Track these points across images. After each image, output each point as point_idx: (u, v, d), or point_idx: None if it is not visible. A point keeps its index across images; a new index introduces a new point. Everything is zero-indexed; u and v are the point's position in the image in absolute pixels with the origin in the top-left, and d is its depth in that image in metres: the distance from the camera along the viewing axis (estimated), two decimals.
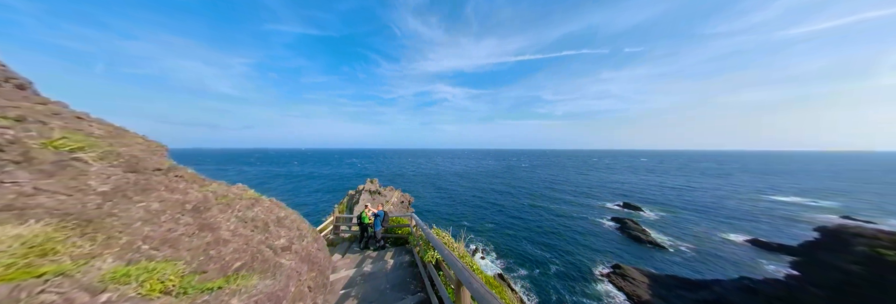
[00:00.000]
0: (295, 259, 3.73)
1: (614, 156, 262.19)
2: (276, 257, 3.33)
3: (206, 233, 2.39)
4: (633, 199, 43.18)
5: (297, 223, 4.57)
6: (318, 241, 5.69)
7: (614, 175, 78.15)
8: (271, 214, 4.13)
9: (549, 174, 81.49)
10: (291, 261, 3.36)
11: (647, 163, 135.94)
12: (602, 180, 65.66)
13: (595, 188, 53.96)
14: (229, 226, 2.85)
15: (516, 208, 37.52)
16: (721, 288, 16.64)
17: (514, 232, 29.41)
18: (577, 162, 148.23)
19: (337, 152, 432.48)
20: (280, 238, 3.81)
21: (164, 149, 4.65)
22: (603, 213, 36.14)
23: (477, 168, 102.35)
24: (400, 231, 7.07)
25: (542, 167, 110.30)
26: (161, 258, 1.78)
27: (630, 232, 28.89)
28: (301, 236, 4.49)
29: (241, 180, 58.58)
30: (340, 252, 7.86)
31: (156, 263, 1.67)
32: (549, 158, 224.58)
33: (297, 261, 3.74)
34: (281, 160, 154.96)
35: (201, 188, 3.48)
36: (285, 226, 4.16)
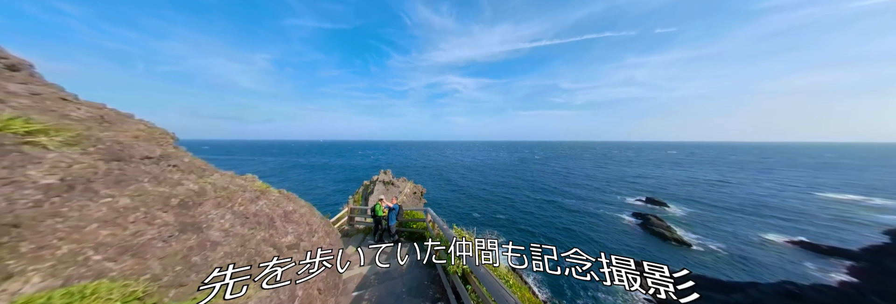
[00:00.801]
0: (303, 258, 3.37)
1: (638, 148, 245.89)
2: (280, 256, 2.95)
3: (189, 235, 1.98)
4: (657, 194, 40.73)
5: (307, 218, 4.23)
6: (331, 235, 5.41)
7: (637, 168, 73.92)
8: (278, 208, 3.77)
9: (563, 167, 78.69)
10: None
11: (676, 156, 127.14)
12: (622, 174, 62.45)
13: (614, 182, 51.44)
14: (223, 224, 2.44)
15: (527, 202, 36.69)
16: (758, 292, 15.35)
17: (525, 225, 28.87)
18: (595, 154, 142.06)
19: (351, 143, 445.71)
20: (287, 235, 3.45)
21: (169, 136, 4.36)
22: (622, 208, 34.47)
23: (487, 160, 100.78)
24: (415, 226, 6.68)
25: (556, 160, 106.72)
26: (117, 273, 1.35)
27: (653, 229, 27.40)
28: (311, 232, 4.16)
29: (263, 169, 61.45)
30: (355, 245, 7.68)
31: (102, 282, 1.23)
32: (564, 150, 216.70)
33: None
34: (300, 151, 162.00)
35: (199, 179, 3.11)
36: (293, 221, 3.81)
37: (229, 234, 2.37)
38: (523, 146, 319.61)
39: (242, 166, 79.93)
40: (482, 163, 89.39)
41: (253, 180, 4.77)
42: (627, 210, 33.82)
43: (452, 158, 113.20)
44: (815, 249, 21.55)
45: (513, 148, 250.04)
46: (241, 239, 2.45)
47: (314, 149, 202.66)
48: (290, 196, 4.95)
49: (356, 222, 9.76)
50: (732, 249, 22.64)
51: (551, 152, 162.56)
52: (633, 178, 55.76)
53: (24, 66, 3.17)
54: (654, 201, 36.53)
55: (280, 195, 4.33)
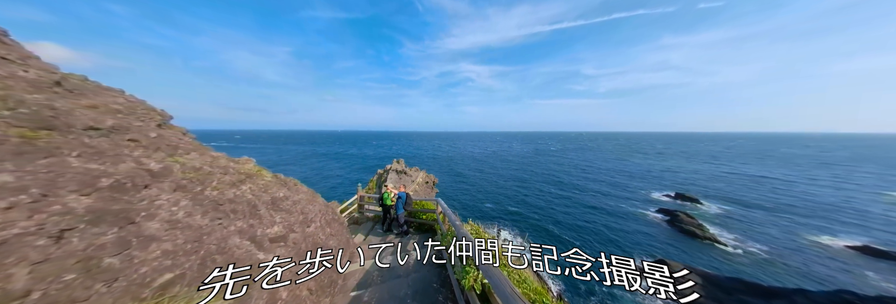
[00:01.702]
0: (290, 253, 2.86)
1: (668, 139, 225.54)
2: (257, 252, 2.43)
3: (105, 228, 1.43)
4: (688, 189, 37.60)
5: (301, 205, 3.75)
6: (333, 224, 4.99)
7: (665, 162, 68.34)
8: (266, 193, 3.26)
9: (582, 159, 74.91)
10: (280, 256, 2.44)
11: (712, 148, 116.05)
12: (649, 167, 58.29)
13: (639, 176, 48.09)
14: (173, 213, 1.90)
15: (541, 195, 35.34)
16: (806, 300, 13.73)
17: (539, 218, 27.96)
18: (619, 146, 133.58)
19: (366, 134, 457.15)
20: (273, 225, 2.95)
21: (157, 113, 3.94)
22: (647, 203, 32.26)
23: (500, 152, 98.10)
24: (424, 217, 6.13)
25: (574, 151, 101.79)
26: None
27: (682, 226, 25.45)
28: (305, 222, 3.69)
29: (286, 157, 64.42)
30: (364, 233, 7.37)
31: None
32: (584, 141, 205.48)
33: (294, 255, 2.87)
34: (320, 141, 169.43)
35: (168, 158, 2.62)
36: (284, 209, 3.31)
37: (177, 226, 1.82)
38: (539, 137, 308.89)
39: (269, 154, 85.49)
40: (494, 154, 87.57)
41: (246, 162, 4.33)
42: (652, 206, 31.65)
43: (464, 149, 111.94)
44: (882, 255, 18.85)
45: (528, 139, 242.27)
46: (197, 232, 1.91)
47: (333, 138, 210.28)
48: (287, 181, 4.49)
49: (366, 209, 9.49)
50: (776, 251, 20.45)
51: (570, 144, 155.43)
52: (661, 172, 51.84)
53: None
54: (684, 197, 33.84)
55: (273, 180, 3.85)
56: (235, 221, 2.50)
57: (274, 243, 2.74)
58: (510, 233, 24.67)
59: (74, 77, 3.60)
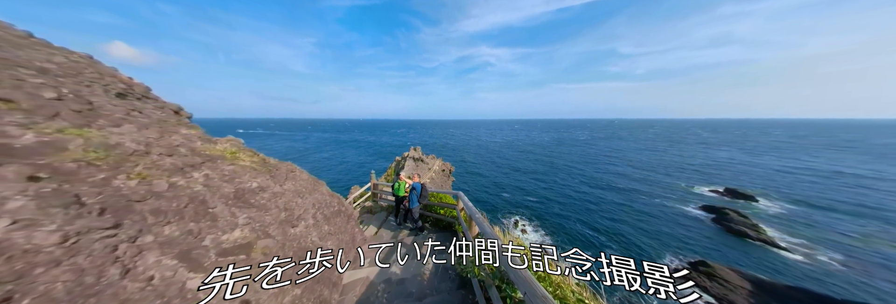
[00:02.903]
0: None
1: (717, 127, 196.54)
2: (189, 275, 1.55)
3: None
4: (741, 184, 32.94)
5: (285, 199, 2.90)
6: (335, 221, 4.20)
7: (713, 152, 59.62)
8: (229, 184, 2.39)
9: (613, 149, 68.84)
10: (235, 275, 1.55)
11: (778, 137, 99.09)
12: (691, 158, 51.87)
13: (680, 168, 42.98)
14: None
15: (565, 187, 33.03)
16: None
17: (560, 210, 26.26)
18: (656, 134, 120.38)
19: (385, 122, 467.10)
20: (233, 229, 2.10)
21: (126, 83, 3.20)
22: (690, 199, 28.80)
23: (520, 141, 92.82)
24: (442, 212, 5.17)
25: (604, 140, 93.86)
26: None
27: (731, 226, 22.40)
28: (289, 221, 2.85)
29: (311, 145, 67.63)
30: (376, 225, 6.70)
31: None
32: (615, 129, 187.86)
33: None
34: (343, 129, 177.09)
35: (70, 129, 1.78)
36: (255, 205, 2.45)
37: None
38: (564, 125, 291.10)
39: (296, 140, 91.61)
40: (514, 143, 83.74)
41: (228, 141, 3.54)
42: (695, 202, 28.25)
43: (482, 137, 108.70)
44: None
45: (551, 127, 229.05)
46: (43, 257, 1.01)
47: (355, 127, 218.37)
48: (277, 167, 3.66)
49: (380, 198, 8.86)
50: (857, 264, 17.09)
51: (599, 132, 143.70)
52: (707, 164, 45.82)
53: None
54: (736, 194, 29.71)
55: (252, 166, 3.02)
56: (158, 226, 1.61)
57: (228, 256, 1.88)
58: (530, 225, 23.52)
59: (13, 33, 2.88)
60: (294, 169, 4.63)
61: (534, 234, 22.29)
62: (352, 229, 4.66)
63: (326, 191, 5.07)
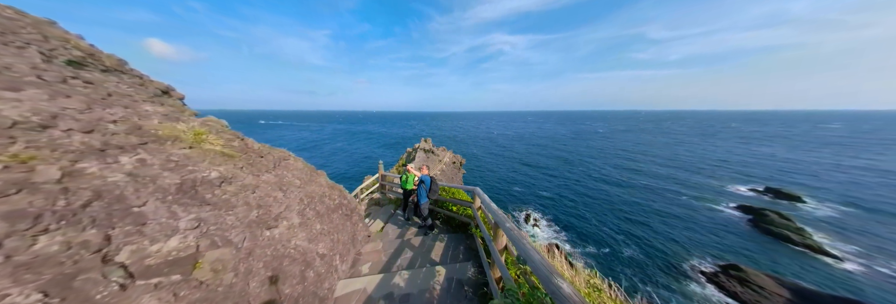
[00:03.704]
0: (193, 294, 1.42)
1: (766, 120, 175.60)
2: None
3: None
4: (785, 183, 29.80)
5: (260, 193, 2.29)
6: (332, 217, 3.62)
7: (753, 147, 53.39)
8: (173, 173, 1.79)
9: (636, 143, 64.43)
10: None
11: (837, 131, 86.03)
12: (727, 154, 47.17)
13: (713, 165, 39.33)
14: None
15: (577, 183, 31.25)
16: None
17: (573, 207, 24.99)
18: (687, 127, 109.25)
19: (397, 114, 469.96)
20: (167, 237, 1.51)
21: (76, 45, 2.67)
22: (722, 198, 26.43)
23: (532, 134, 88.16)
24: (454, 209, 4.49)
25: (626, 133, 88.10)
26: None
27: (770, 228, 20.38)
28: (263, 221, 2.26)
29: (327, 136, 68.84)
30: (383, 219, 6.21)
31: None
32: (640, 121, 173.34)
33: (205, 296, 1.43)
34: (357, 120, 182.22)
35: None
36: (208, 202, 1.85)
37: None
38: (582, 117, 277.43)
39: (314, 130, 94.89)
40: (527, 136, 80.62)
41: (206, 121, 2.97)
42: (728, 201, 25.96)
43: (494, 130, 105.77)
44: None
45: (568, 119, 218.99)
46: None
47: (368, 119, 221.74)
48: (258, 155, 3.08)
49: (387, 190, 8.38)
50: None
51: (621, 125, 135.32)
52: (746, 160, 41.56)
53: None
54: (778, 193, 26.94)
55: (220, 151, 2.42)
56: (15, 238, 1.00)
57: (151, 277, 1.28)
58: (543, 219, 22.63)
59: None
60: (287, 157, 4.07)
61: (548, 230, 21.48)
62: (353, 227, 4.13)
63: (325, 182, 4.52)
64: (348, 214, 4.67)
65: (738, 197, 26.65)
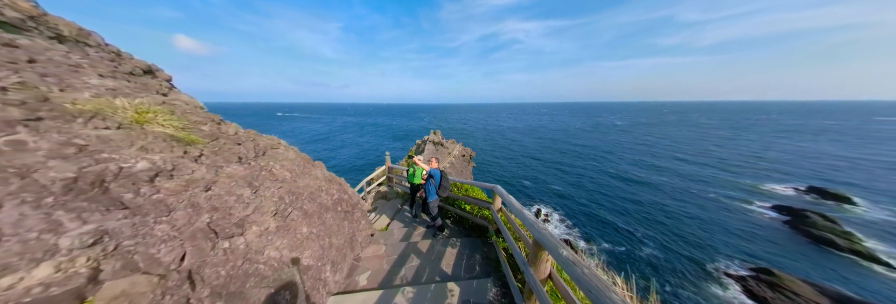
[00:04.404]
0: None
1: (813, 111, 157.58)
2: None
3: None
4: (832, 182, 27.01)
5: (219, 192, 1.74)
6: (325, 218, 3.09)
7: (802, 143, 47.49)
8: (71, 163, 1.24)
9: (658, 137, 60.22)
10: None
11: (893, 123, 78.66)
12: (767, 150, 42.46)
13: (748, 161, 35.88)
14: None
15: (595, 179, 29.53)
16: None
17: (588, 202, 23.78)
18: (721, 120, 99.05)
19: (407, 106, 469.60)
20: (38, 262, 0.98)
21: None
22: (756, 197, 24.27)
23: (545, 127, 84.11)
24: (468, 208, 3.86)
25: (648, 126, 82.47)
26: None
27: (811, 231, 18.58)
28: (212, 232, 1.70)
29: (339, 126, 69.66)
30: (389, 215, 5.73)
31: None
32: (665, 113, 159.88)
33: None
34: (368, 112, 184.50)
35: None
36: (126, 205, 1.32)
37: None
38: (600, 109, 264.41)
39: (329, 122, 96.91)
40: (538, 130, 77.39)
41: (173, 100, 2.43)
42: (764, 200, 23.89)
43: (505, 122, 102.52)
44: None
45: (584, 111, 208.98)
46: None
47: (379, 111, 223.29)
48: (232, 141, 2.53)
49: (396, 183, 7.89)
50: None
51: (642, 117, 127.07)
52: (788, 157, 37.37)
53: None
54: (823, 193, 24.44)
55: (172, 133, 1.86)
56: None
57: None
58: (555, 215, 21.78)
59: None
60: (276, 145, 3.52)
61: (560, 225, 20.70)
62: (353, 226, 3.61)
63: (322, 175, 3.99)
64: (349, 210, 4.16)
65: (775, 197, 24.43)
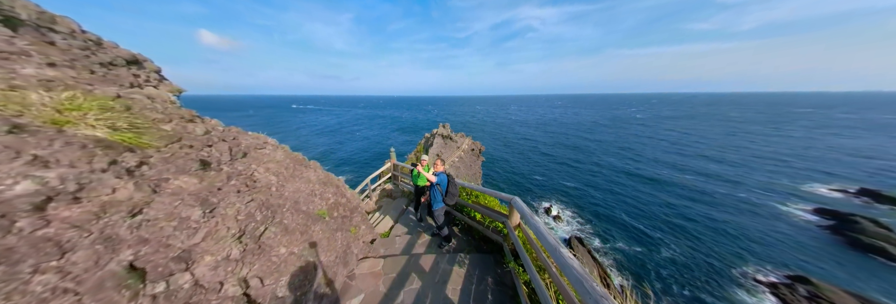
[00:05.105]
0: None
1: (866, 102, 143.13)
2: None
3: None
4: (889, 185, 24.26)
5: (110, 222, 1.35)
6: (312, 231, 2.65)
7: (851, 139, 41.80)
8: None
9: (683, 131, 55.69)
10: None
11: None
12: (811, 147, 36.96)
13: (787, 158, 32.55)
14: None
15: (609, 177, 27.73)
16: None
17: (602, 200, 22.61)
18: (756, 113, 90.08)
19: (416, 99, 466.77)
20: None
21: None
22: (795, 199, 22.16)
23: (556, 120, 79.82)
24: (479, 217, 3.37)
25: (673, 120, 76.32)
26: None
27: (859, 238, 16.88)
28: (124, 278, 1.32)
29: (351, 118, 70.19)
30: (393, 216, 5.37)
31: None
32: (695, 105, 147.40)
33: None
34: (379, 105, 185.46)
35: None
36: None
37: None
38: (621, 101, 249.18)
39: (339, 115, 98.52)
40: (551, 123, 73.99)
41: (132, 93, 2.04)
42: (804, 202, 21.89)
43: (516, 115, 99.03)
44: None
45: (603, 104, 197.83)
46: None
47: (389, 103, 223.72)
48: (203, 142, 2.12)
49: (401, 181, 7.52)
50: None
51: (668, 109, 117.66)
52: (835, 156, 33.37)
53: None
54: (876, 196, 22.03)
55: (105, 137, 1.46)
56: None
57: None
58: (567, 212, 20.99)
59: None
60: (262, 145, 3.12)
61: (573, 221, 19.99)
62: (347, 238, 3.22)
63: (316, 177, 3.60)
64: (346, 215, 3.78)
65: (817, 199, 22.25)
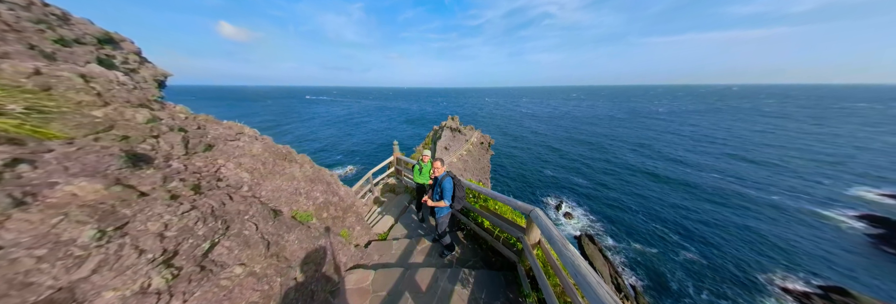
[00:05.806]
0: None
1: None
2: None
3: None
4: None
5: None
6: (282, 245, 2.17)
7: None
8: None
9: (711, 127, 51.36)
10: None
11: None
12: (861, 147, 32.92)
13: (830, 159, 28.77)
14: None
15: (625, 175, 25.74)
16: None
17: (616, 198, 21.46)
18: (798, 107, 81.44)
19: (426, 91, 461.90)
20: None
21: None
22: (837, 203, 20.15)
23: (570, 114, 75.04)
24: (487, 225, 2.89)
25: (699, 115, 68.82)
26: None
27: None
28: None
29: (361, 110, 70.83)
30: (394, 215, 5.03)
31: None
32: (730, 98, 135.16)
33: None
34: (389, 97, 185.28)
35: None
36: None
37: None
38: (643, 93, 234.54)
39: (349, 106, 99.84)
40: (566, 116, 70.51)
41: (63, 70, 1.64)
42: (849, 208, 20.03)
43: (527, 108, 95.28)
44: None
45: (624, 96, 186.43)
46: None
47: (399, 95, 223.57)
48: (144, 133, 1.72)
49: (404, 175, 7.14)
50: None
51: (690, 103, 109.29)
52: (886, 155, 29.73)
53: None
54: None
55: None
56: None
57: None
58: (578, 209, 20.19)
59: None
60: (236, 135, 2.71)
61: (584, 219, 19.29)
62: (333, 247, 2.82)
63: (302, 173, 3.20)
64: (338, 216, 3.40)
65: (864, 204, 20.24)
